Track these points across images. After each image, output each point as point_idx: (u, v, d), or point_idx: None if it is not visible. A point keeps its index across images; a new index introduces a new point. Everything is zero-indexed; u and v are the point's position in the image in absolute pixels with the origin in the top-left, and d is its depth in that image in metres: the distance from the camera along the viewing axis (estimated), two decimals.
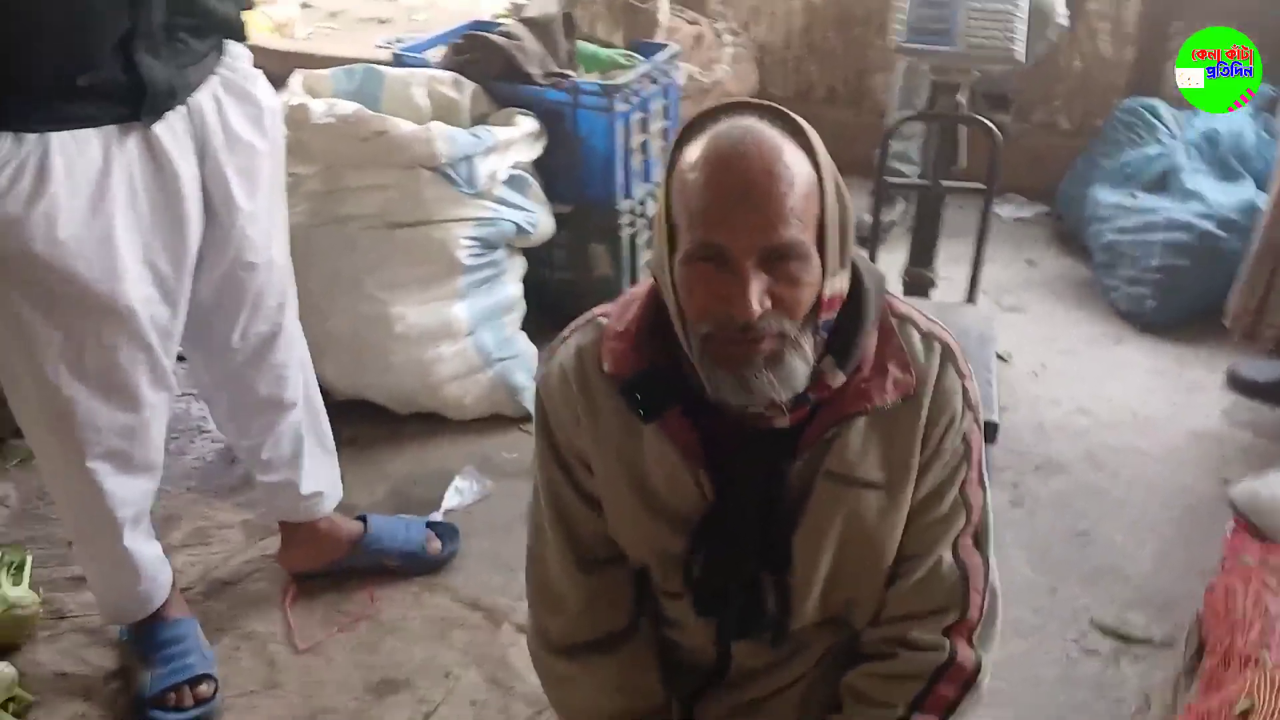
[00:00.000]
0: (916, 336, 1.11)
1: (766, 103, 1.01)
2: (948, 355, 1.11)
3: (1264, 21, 3.15)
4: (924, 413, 1.08)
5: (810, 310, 0.98)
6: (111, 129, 1.39)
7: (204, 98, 1.50)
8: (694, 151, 0.96)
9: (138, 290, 1.46)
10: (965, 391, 1.11)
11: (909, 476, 1.10)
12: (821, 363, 1.03)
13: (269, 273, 1.68)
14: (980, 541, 1.16)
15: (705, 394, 1.02)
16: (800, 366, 0.99)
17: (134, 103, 1.39)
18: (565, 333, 1.17)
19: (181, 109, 1.46)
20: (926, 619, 1.14)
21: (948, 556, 1.14)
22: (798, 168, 0.95)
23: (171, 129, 1.45)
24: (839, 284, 1.02)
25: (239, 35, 1.57)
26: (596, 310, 1.16)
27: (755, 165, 0.93)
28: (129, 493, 1.61)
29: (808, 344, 0.99)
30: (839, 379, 1.04)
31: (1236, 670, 1.42)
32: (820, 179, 0.97)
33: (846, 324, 1.05)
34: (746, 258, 0.93)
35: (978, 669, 1.14)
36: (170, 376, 1.59)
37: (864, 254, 1.09)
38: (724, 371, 0.98)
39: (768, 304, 0.95)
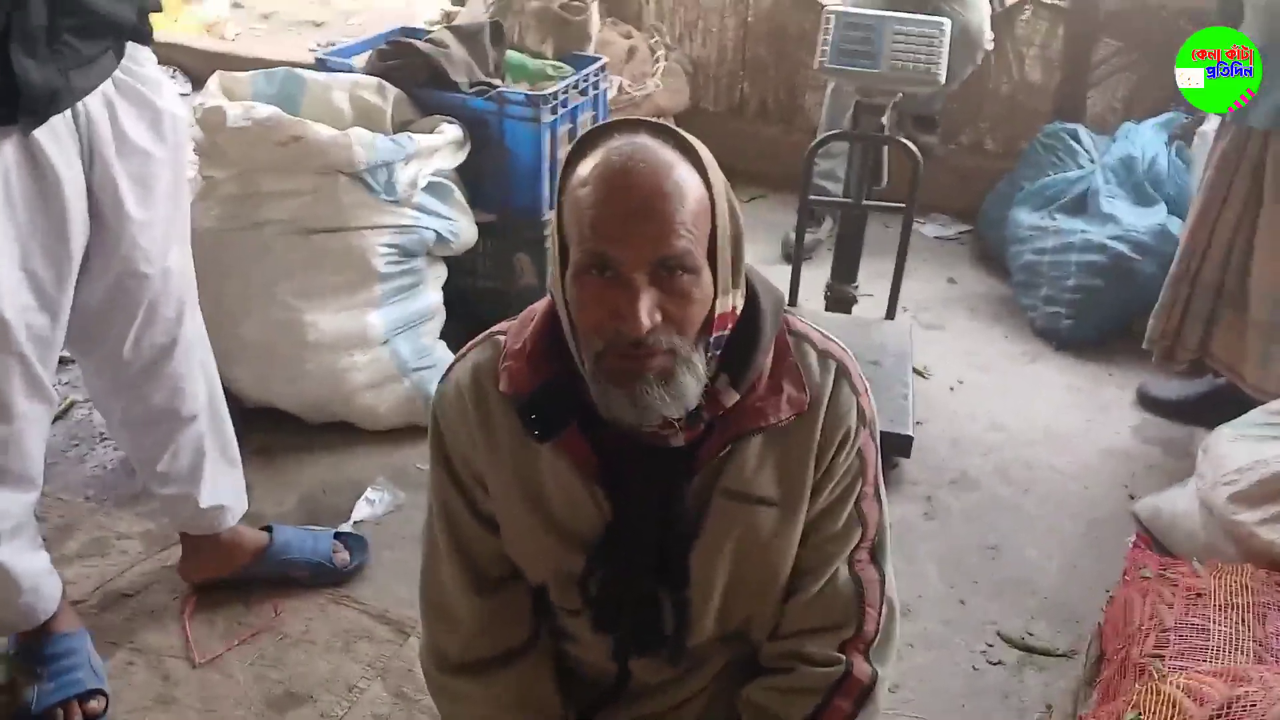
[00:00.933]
0: (813, 354, 1.11)
1: (658, 121, 1.01)
2: (843, 372, 1.11)
3: (1177, 50, 3.27)
4: (819, 429, 1.09)
5: (702, 327, 0.98)
6: None
7: (94, 102, 1.45)
8: (586, 167, 0.96)
9: (12, 298, 1.41)
10: (860, 408, 1.12)
11: (804, 493, 1.10)
12: (716, 381, 1.03)
13: (164, 282, 1.63)
14: (877, 556, 1.17)
15: (601, 413, 1.01)
16: (692, 383, 0.99)
17: (9, 105, 1.33)
18: (463, 350, 1.15)
19: (67, 113, 1.41)
20: (822, 634, 1.14)
21: (844, 571, 1.15)
22: (689, 183, 0.95)
23: (54, 134, 1.40)
24: (731, 302, 1.02)
25: (140, 37, 1.51)
26: (495, 328, 1.15)
27: (646, 180, 0.93)
28: (5, 505, 1.54)
29: (700, 361, 0.99)
30: (733, 397, 1.04)
31: (1132, 680, 1.45)
32: (712, 197, 0.97)
33: (742, 342, 1.05)
34: (637, 270, 0.93)
35: (873, 682, 1.15)
36: (48, 386, 1.53)
37: (761, 273, 1.09)
38: (616, 389, 0.97)
39: (658, 318, 0.94)
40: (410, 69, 2.58)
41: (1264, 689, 1.14)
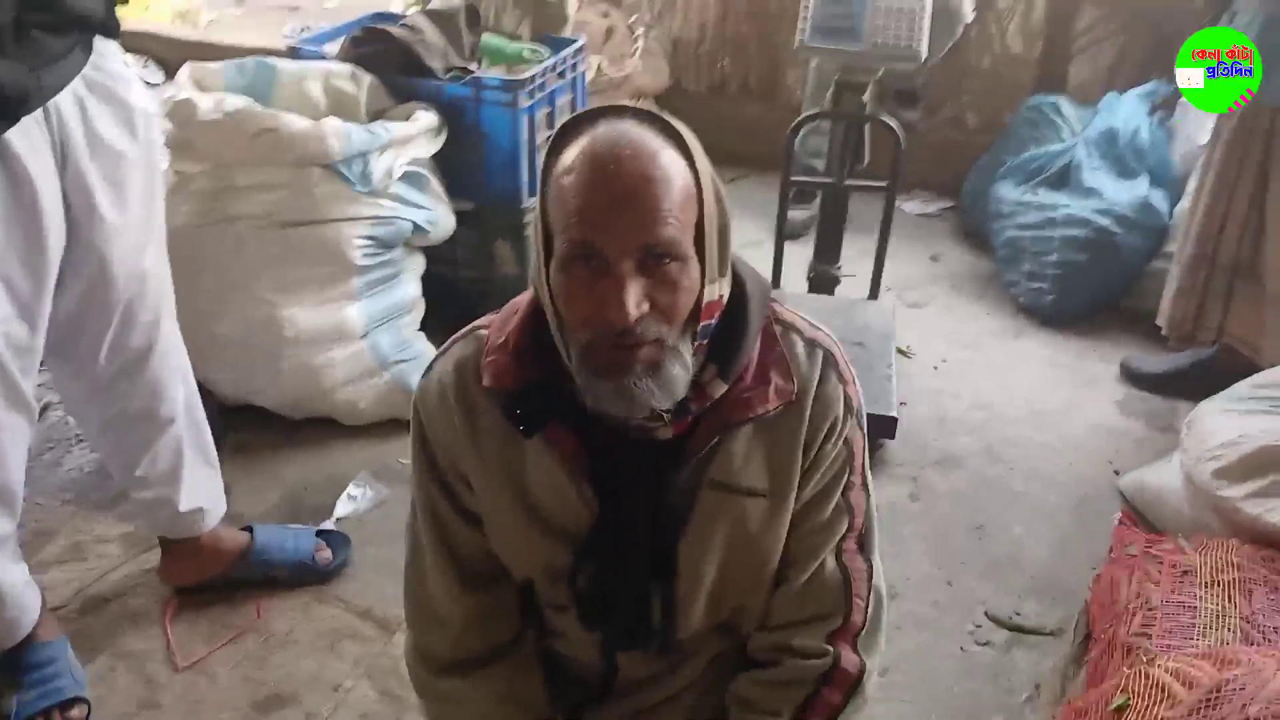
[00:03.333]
0: (800, 344, 1.09)
1: (643, 107, 0.98)
2: (830, 362, 1.10)
3: (1159, 16, 3.25)
4: (806, 420, 1.07)
5: (689, 317, 0.96)
6: None
7: (66, 100, 1.40)
8: (569, 155, 0.94)
9: None
10: (847, 398, 1.11)
11: (792, 483, 1.09)
12: (703, 372, 1.01)
13: (141, 285, 1.60)
14: (864, 546, 1.16)
15: (587, 406, 0.99)
16: (680, 374, 0.97)
17: None
18: (445, 345, 1.13)
19: (39, 113, 1.37)
20: (810, 625, 1.14)
21: (831, 562, 1.14)
22: (675, 170, 0.93)
23: (27, 135, 1.36)
24: (718, 290, 1.00)
25: (108, 31, 1.47)
26: (477, 322, 1.13)
27: (632, 167, 0.91)
28: None
29: (687, 351, 0.97)
30: (720, 388, 1.03)
31: (1119, 660, 1.45)
32: (698, 184, 0.95)
33: (729, 332, 1.03)
34: (623, 260, 0.91)
35: (861, 673, 1.14)
36: (28, 397, 1.50)
37: (747, 262, 1.07)
38: (603, 381, 0.96)
39: (645, 308, 0.92)
40: (384, 55, 2.54)
41: (1253, 672, 1.13)
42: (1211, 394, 2.08)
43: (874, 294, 2.65)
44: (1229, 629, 1.45)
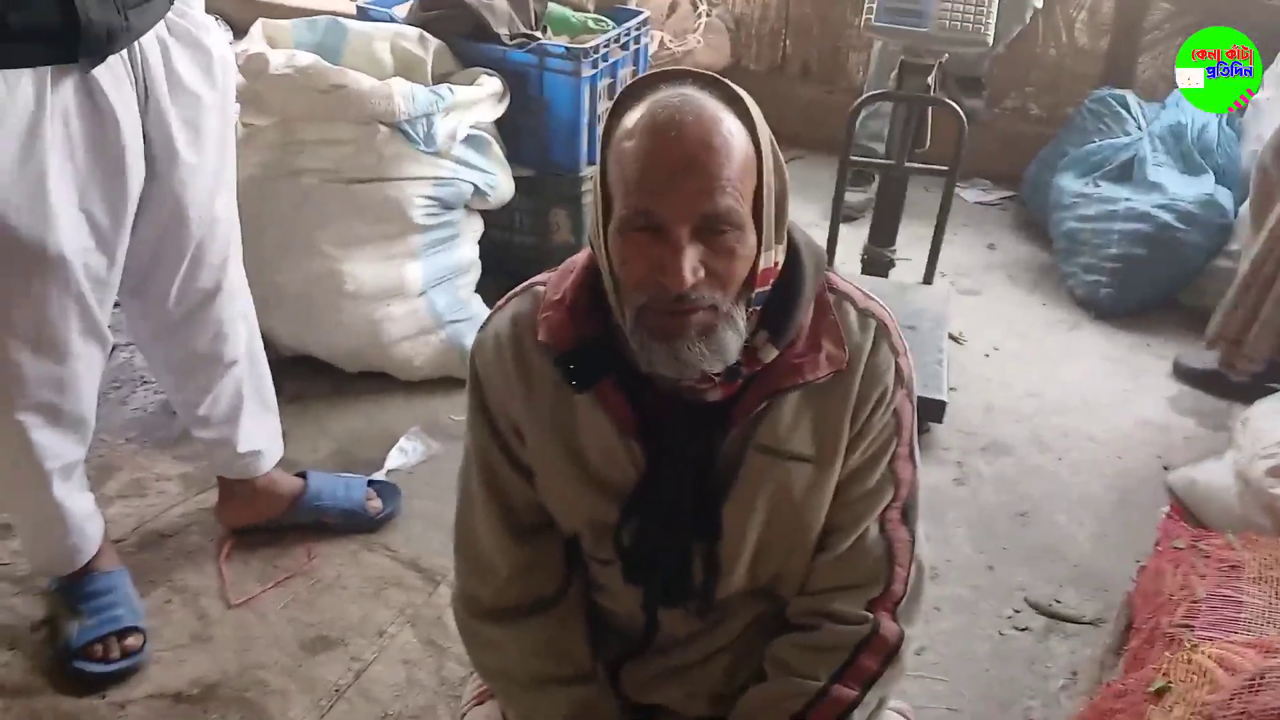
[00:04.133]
0: (853, 313, 1.10)
1: (706, 72, 0.99)
2: (882, 332, 1.10)
3: (1232, 15, 3.17)
4: (855, 388, 1.08)
5: (744, 284, 0.98)
6: (46, 71, 1.33)
7: (149, 43, 1.45)
8: (631, 119, 0.95)
9: (71, 239, 1.42)
10: (898, 368, 1.11)
11: (839, 450, 1.09)
12: (755, 337, 1.02)
13: (212, 227, 1.64)
14: (908, 516, 1.16)
15: (640, 367, 1.01)
16: (733, 339, 0.98)
17: (70, 44, 1.33)
18: (502, 301, 1.15)
19: (124, 53, 1.41)
20: (851, 592, 1.14)
21: (874, 530, 1.14)
22: (736, 138, 0.94)
23: (113, 73, 1.40)
24: (774, 258, 1.01)
25: None
26: (535, 279, 1.15)
27: (693, 134, 0.92)
28: (58, 445, 1.58)
29: (740, 317, 0.99)
30: (772, 353, 1.04)
31: (1160, 649, 1.45)
32: (759, 151, 0.96)
33: (782, 298, 1.04)
34: (681, 227, 0.92)
35: (900, 641, 1.14)
36: (104, 329, 1.55)
37: (803, 230, 1.08)
38: (657, 343, 0.97)
39: (701, 275, 0.94)
40: (452, 20, 2.57)
41: None
42: (1260, 394, 2.03)
43: (929, 279, 2.63)
44: (1275, 625, 1.44)
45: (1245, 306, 2.30)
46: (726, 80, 0.98)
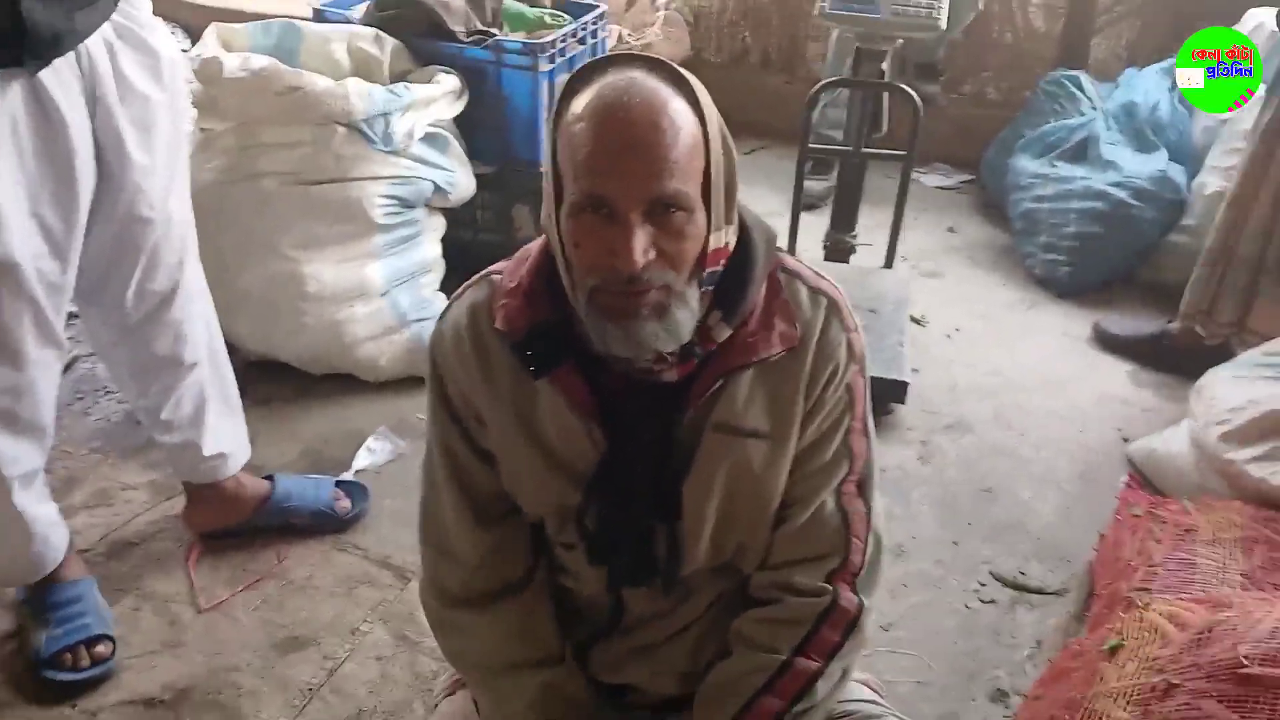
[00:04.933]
0: (804, 291, 1.11)
1: (653, 56, 1.00)
2: (833, 309, 1.12)
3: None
4: (808, 364, 1.09)
5: (696, 264, 0.99)
6: None
7: (96, 45, 1.45)
8: (580, 103, 0.96)
9: (22, 244, 1.42)
10: (850, 344, 1.12)
11: (793, 425, 1.11)
12: (708, 316, 1.04)
13: (166, 228, 1.64)
14: (863, 489, 1.18)
15: (595, 348, 1.02)
16: (686, 318, 1.00)
17: (15, 48, 1.33)
18: (459, 290, 1.16)
19: (71, 56, 1.41)
20: (809, 564, 1.16)
21: (830, 503, 1.16)
22: (683, 120, 0.95)
23: (59, 77, 1.40)
24: (724, 238, 1.02)
25: None
26: (491, 268, 1.15)
27: (640, 117, 0.93)
28: (17, 452, 1.57)
29: (693, 297, 1.00)
30: (725, 332, 1.05)
31: (1119, 613, 1.47)
32: (706, 133, 0.97)
33: (734, 278, 1.05)
34: (631, 209, 0.93)
35: (860, 612, 1.16)
36: (59, 333, 1.55)
37: (753, 211, 1.10)
38: (610, 324, 0.98)
39: (652, 256, 0.95)
40: (407, 19, 2.57)
41: (1243, 613, 1.16)
42: (1173, 361, 2.07)
43: (889, 263, 2.66)
44: (1228, 585, 1.47)
45: (1213, 276, 2.39)
46: (673, 64, 0.99)
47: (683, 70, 0.98)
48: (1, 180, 1.37)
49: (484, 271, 1.16)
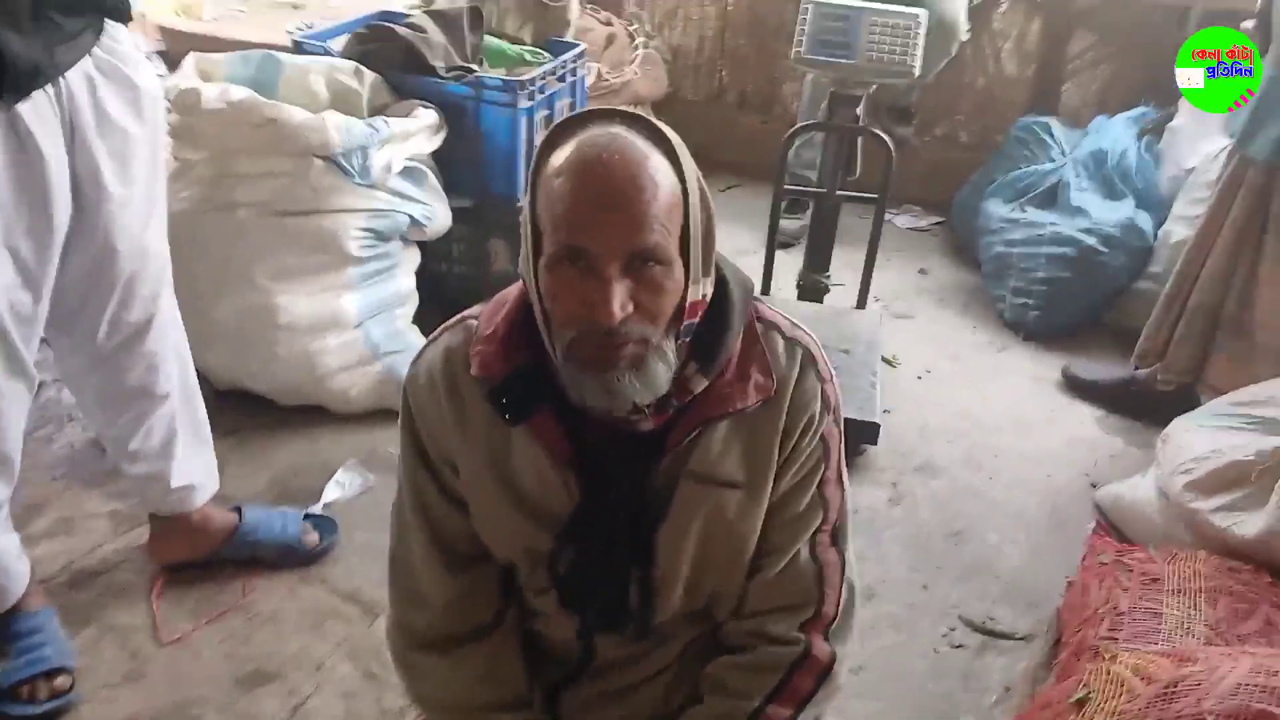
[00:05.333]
0: (780, 342, 1.13)
1: (633, 111, 1.02)
2: (809, 360, 1.13)
3: (1151, 44, 3.31)
4: (783, 415, 1.10)
5: (673, 316, 1.00)
6: None
7: (76, 78, 1.45)
8: (560, 157, 0.97)
9: None
10: (824, 395, 1.14)
11: (768, 476, 1.12)
12: (685, 368, 1.05)
13: (143, 260, 1.63)
14: (837, 539, 1.19)
15: (571, 398, 1.02)
16: (663, 371, 1.00)
17: None
18: (435, 334, 1.16)
19: (49, 89, 1.41)
20: (783, 613, 1.16)
21: (804, 553, 1.16)
22: (662, 175, 0.96)
23: (37, 109, 1.40)
24: (702, 290, 1.03)
25: (119, 16, 1.52)
26: (467, 312, 1.16)
27: (620, 171, 0.94)
28: None
29: (670, 349, 1.01)
30: (701, 384, 1.06)
31: (1086, 662, 1.49)
32: (685, 188, 0.98)
33: (711, 329, 1.06)
34: (610, 262, 0.94)
35: (832, 661, 1.16)
36: (29, 366, 1.53)
37: (731, 261, 1.11)
38: (587, 375, 0.99)
39: (630, 309, 0.95)
40: (387, 53, 2.58)
41: (1209, 669, 1.17)
42: (1138, 407, 2.13)
43: (862, 303, 2.69)
44: (1193, 635, 1.49)
45: (1168, 320, 2.44)
46: (654, 119, 1.00)
47: (662, 126, 1.00)
48: None
49: (460, 315, 1.16)
